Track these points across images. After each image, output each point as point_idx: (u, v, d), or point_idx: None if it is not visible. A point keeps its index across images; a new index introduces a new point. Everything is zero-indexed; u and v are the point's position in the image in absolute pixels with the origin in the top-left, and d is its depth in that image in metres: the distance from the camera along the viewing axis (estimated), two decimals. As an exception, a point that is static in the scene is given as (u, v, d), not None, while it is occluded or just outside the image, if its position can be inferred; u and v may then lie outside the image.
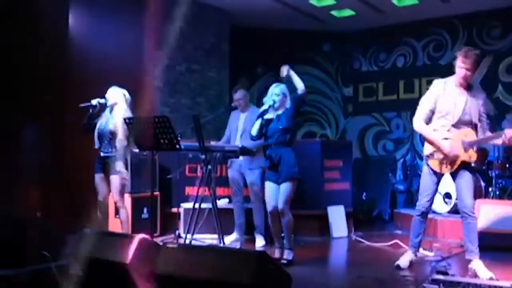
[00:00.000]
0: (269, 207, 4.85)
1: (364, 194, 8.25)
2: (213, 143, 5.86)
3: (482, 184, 6.48)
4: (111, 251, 3.24)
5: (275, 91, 4.86)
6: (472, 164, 4.40)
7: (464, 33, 8.67)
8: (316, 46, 9.90)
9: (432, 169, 4.44)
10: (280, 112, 4.85)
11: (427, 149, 4.48)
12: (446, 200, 6.34)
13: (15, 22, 6.14)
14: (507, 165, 6.61)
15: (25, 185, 6.09)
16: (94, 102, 5.08)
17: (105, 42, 6.77)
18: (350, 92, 9.97)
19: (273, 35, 9.34)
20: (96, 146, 5.17)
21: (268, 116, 4.87)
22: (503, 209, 5.61)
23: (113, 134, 5.06)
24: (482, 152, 6.84)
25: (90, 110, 5.09)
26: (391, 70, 9.47)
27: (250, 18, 8.74)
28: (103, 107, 5.15)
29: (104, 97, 5.14)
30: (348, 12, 8.58)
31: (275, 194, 4.79)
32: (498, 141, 4.33)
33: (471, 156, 4.31)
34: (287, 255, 4.84)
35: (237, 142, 5.77)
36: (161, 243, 3.21)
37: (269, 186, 4.85)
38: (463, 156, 4.31)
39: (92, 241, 3.39)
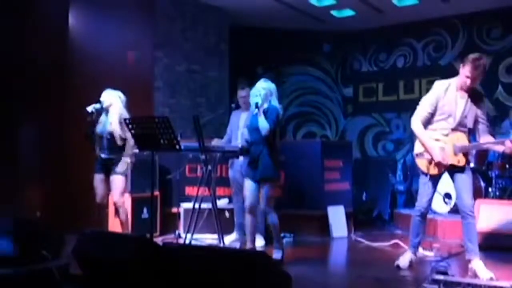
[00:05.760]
0: (247, 204, 4.84)
1: (364, 194, 8.25)
2: (214, 142, 5.85)
3: (482, 184, 6.48)
4: (111, 251, 3.24)
5: (262, 85, 4.80)
6: (471, 165, 4.36)
7: (464, 33, 8.68)
8: (316, 46, 9.90)
9: (423, 173, 4.45)
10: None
11: (417, 148, 4.49)
12: (446, 200, 6.34)
13: (15, 22, 6.15)
14: (507, 166, 6.61)
15: (25, 185, 6.10)
16: (89, 109, 5.00)
17: (105, 42, 6.78)
18: (350, 92, 9.97)
19: (273, 35, 9.34)
20: (96, 151, 5.15)
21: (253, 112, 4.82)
22: (503, 210, 5.61)
23: (111, 135, 5.06)
24: (482, 153, 6.85)
25: (88, 119, 5.01)
26: (391, 70, 9.48)
27: (250, 18, 8.75)
28: (100, 111, 5.10)
29: (99, 101, 5.08)
30: (348, 12, 8.58)
31: (254, 191, 4.79)
32: (498, 148, 4.29)
33: (460, 160, 4.28)
34: (276, 254, 4.82)
35: (238, 141, 5.77)
36: (161, 243, 3.21)
37: (247, 183, 4.84)
38: (452, 160, 4.29)
39: (93, 240, 3.39)
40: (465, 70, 4.18)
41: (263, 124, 4.62)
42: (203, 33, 8.17)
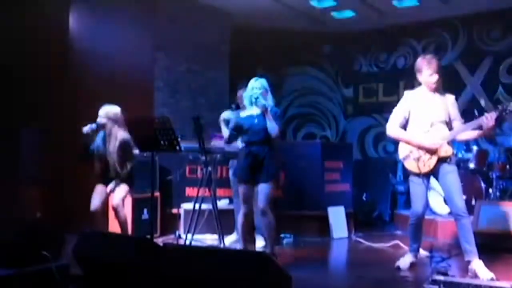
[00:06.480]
0: (244, 209, 4.64)
1: (365, 195, 8.24)
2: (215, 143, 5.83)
3: (483, 185, 6.47)
4: (111, 252, 3.24)
5: (256, 85, 4.66)
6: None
7: (464, 34, 8.67)
8: (316, 47, 9.89)
9: (415, 174, 4.45)
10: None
11: (402, 152, 4.56)
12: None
13: (15, 22, 6.14)
14: (508, 167, 6.60)
15: (25, 185, 6.09)
16: (85, 130, 4.86)
17: (105, 42, 6.77)
18: (350, 92, 9.96)
19: (273, 35, 9.33)
20: (98, 172, 5.09)
21: (248, 113, 4.73)
22: (503, 210, 5.61)
23: (117, 159, 5.02)
24: (482, 154, 6.85)
25: (84, 140, 4.93)
26: (391, 71, 9.47)
27: (250, 19, 8.74)
28: (97, 130, 5.00)
29: (95, 122, 4.97)
30: (348, 13, 8.57)
31: (252, 195, 4.61)
32: (474, 134, 4.33)
33: (447, 150, 4.34)
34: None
35: (238, 143, 5.76)
36: (161, 244, 3.21)
37: (243, 188, 4.64)
38: (439, 152, 4.34)
39: (93, 241, 3.39)
40: (432, 67, 4.38)
41: (273, 126, 4.54)
42: (203, 34, 8.16)
